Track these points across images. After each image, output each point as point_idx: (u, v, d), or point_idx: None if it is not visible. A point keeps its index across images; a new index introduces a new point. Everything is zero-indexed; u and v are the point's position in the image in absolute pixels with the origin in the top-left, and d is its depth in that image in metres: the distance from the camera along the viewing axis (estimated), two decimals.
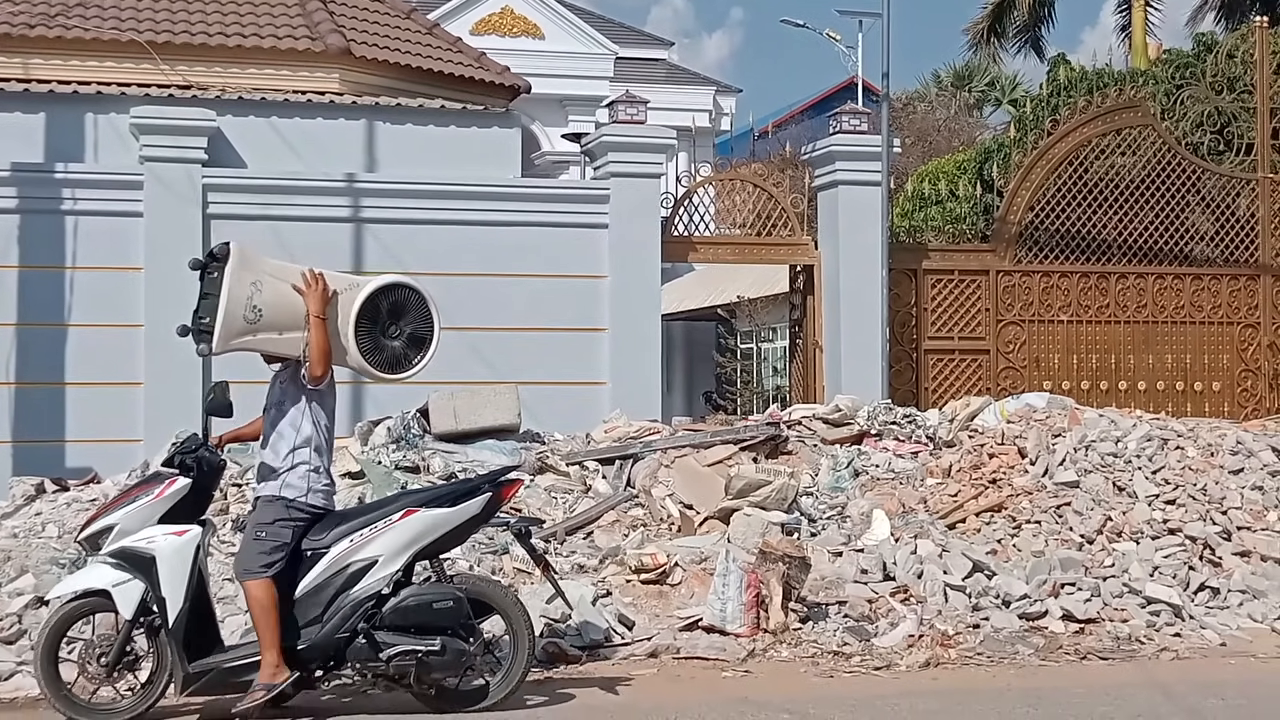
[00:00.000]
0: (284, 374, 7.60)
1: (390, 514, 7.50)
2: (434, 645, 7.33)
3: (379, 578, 7.39)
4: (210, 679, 7.26)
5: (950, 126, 32.94)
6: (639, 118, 15.91)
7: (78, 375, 14.19)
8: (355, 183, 15.12)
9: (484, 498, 7.64)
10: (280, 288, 7.42)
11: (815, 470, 11.64)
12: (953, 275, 16.60)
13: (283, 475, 7.42)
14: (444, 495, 7.71)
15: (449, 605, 7.44)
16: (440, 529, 7.52)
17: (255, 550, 7.32)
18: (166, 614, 7.19)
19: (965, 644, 9.05)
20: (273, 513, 7.38)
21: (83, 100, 15.03)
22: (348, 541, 7.41)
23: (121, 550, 7.27)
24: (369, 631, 7.35)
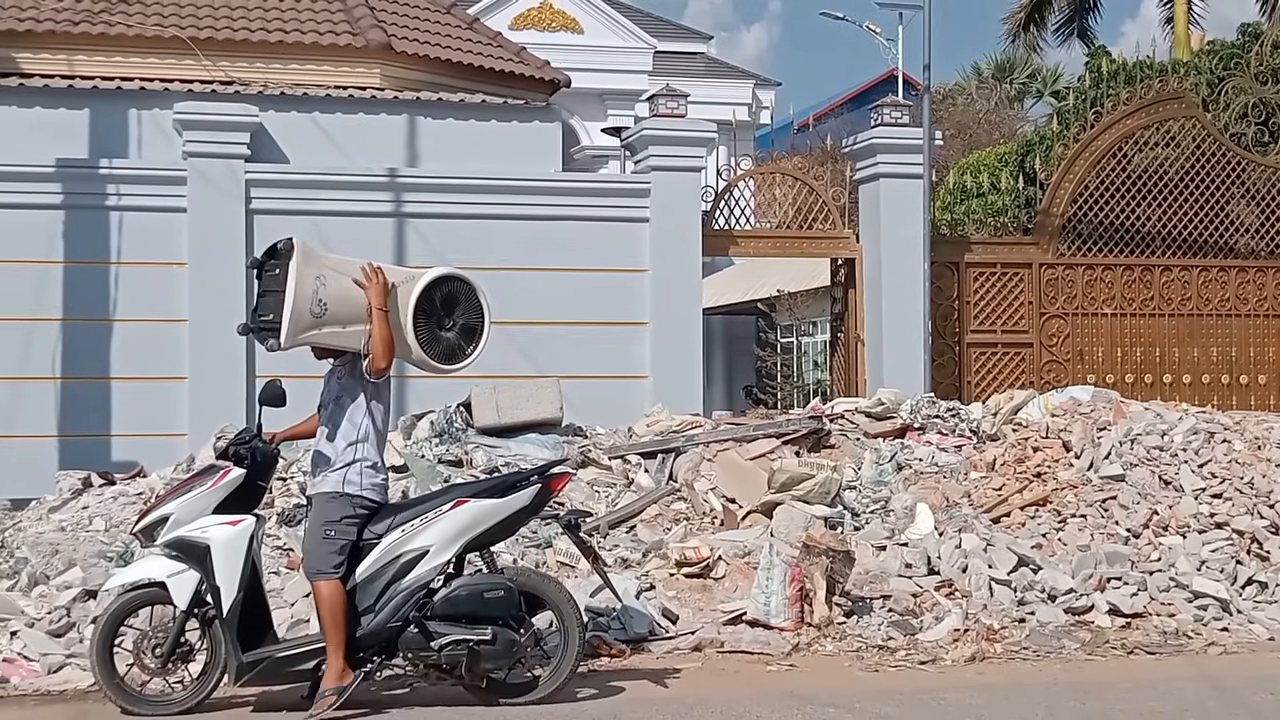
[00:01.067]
0: (341, 369, 7.62)
1: (441, 505, 7.52)
2: (485, 635, 7.35)
3: (430, 568, 7.42)
4: (264, 669, 7.30)
5: (991, 119, 32.76)
6: (679, 111, 15.88)
7: (123, 370, 14.27)
8: (397, 178, 15.16)
9: (533, 489, 7.65)
10: (342, 281, 7.46)
11: (858, 464, 11.61)
12: (995, 268, 16.53)
13: (342, 471, 7.43)
14: (494, 487, 7.73)
15: (500, 595, 7.46)
16: (490, 520, 7.55)
17: (326, 550, 7.35)
18: (221, 604, 7.25)
19: (1011, 638, 9.01)
20: (338, 510, 7.40)
21: (126, 96, 15.12)
22: (399, 532, 7.44)
23: (176, 540, 7.34)
24: (421, 621, 7.37)
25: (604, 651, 8.59)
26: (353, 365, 7.54)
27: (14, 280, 14.06)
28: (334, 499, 7.41)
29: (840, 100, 36.82)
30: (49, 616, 8.74)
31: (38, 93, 14.95)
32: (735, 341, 26.57)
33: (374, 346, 7.40)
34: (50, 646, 8.36)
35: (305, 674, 7.35)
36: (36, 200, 14.21)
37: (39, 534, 10.23)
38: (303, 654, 7.35)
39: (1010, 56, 36.71)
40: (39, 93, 14.96)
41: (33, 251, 14.12)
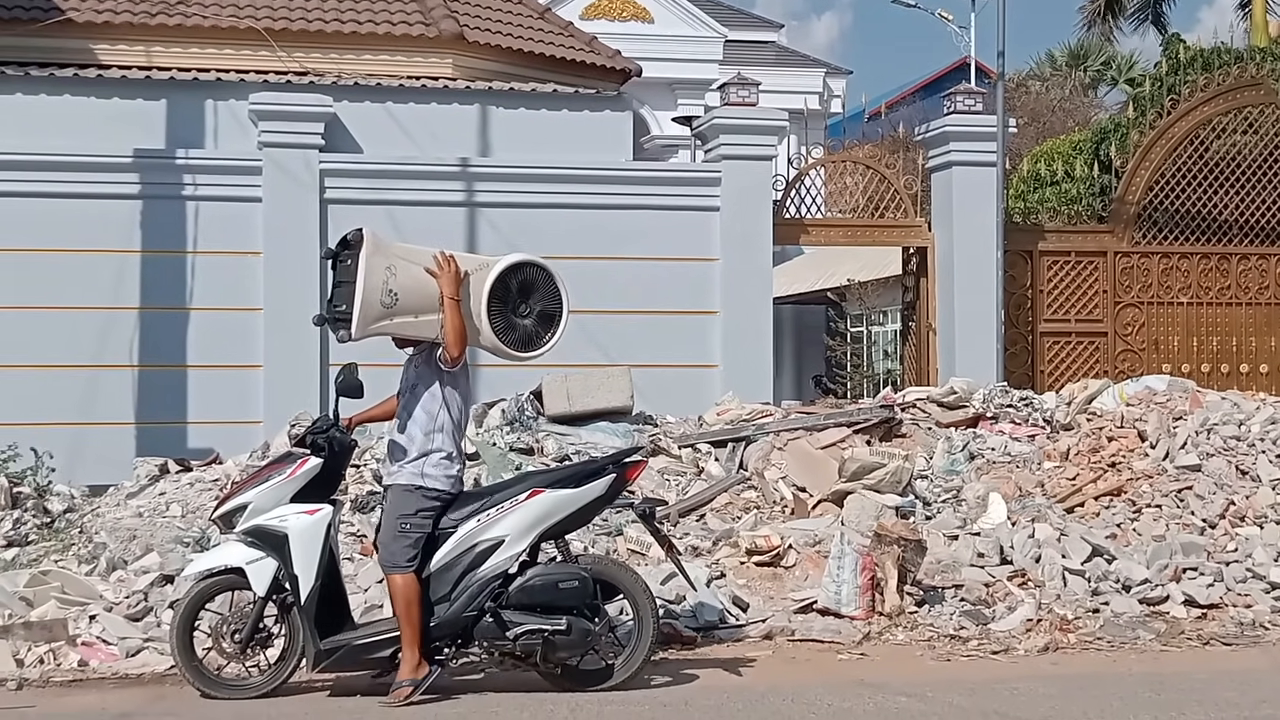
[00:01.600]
0: (418, 357, 7.61)
1: (516, 494, 7.52)
2: (560, 625, 7.35)
3: (505, 557, 7.42)
4: (341, 656, 7.35)
5: (1064, 107, 32.47)
6: (750, 100, 15.86)
7: (199, 358, 14.46)
8: (469, 167, 15.24)
9: (609, 479, 7.62)
10: (413, 271, 7.45)
11: (930, 453, 11.55)
12: (1069, 257, 16.41)
13: (419, 462, 7.42)
14: (569, 476, 7.70)
15: (575, 585, 7.45)
16: (565, 510, 7.54)
17: (402, 544, 7.35)
18: (299, 591, 7.29)
19: (1085, 629, 8.94)
20: (414, 503, 7.40)
21: (203, 87, 15.29)
22: (475, 521, 7.44)
23: (255, 528, 7.38)
24: (496, 611, 7.38)
25: (674, 638, 8.59)
26: (429, 354, 7.54)
27: (93, 269, 14.27)
28: (409, 492, 7.41)
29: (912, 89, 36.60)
30: (127, 601, 8.84)
31: (116, 84, 15.14)
32: (805, 331, 26.50)
33: (446, 335, 7.39)
34: (128, 630, 8.46)
35: (382, 661, 7.37)
36: (115, 190, 14.41)
37: (117, 519, 10.37)
38: (379, 641, 7.38)
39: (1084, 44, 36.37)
40: (117, 84, 15.14)
41: (111, 241, 14.33)
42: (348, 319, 7.35)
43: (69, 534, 10.50)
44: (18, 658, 8.01)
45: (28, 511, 10.79)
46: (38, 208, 14.22)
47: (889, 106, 24.36)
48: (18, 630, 8.21)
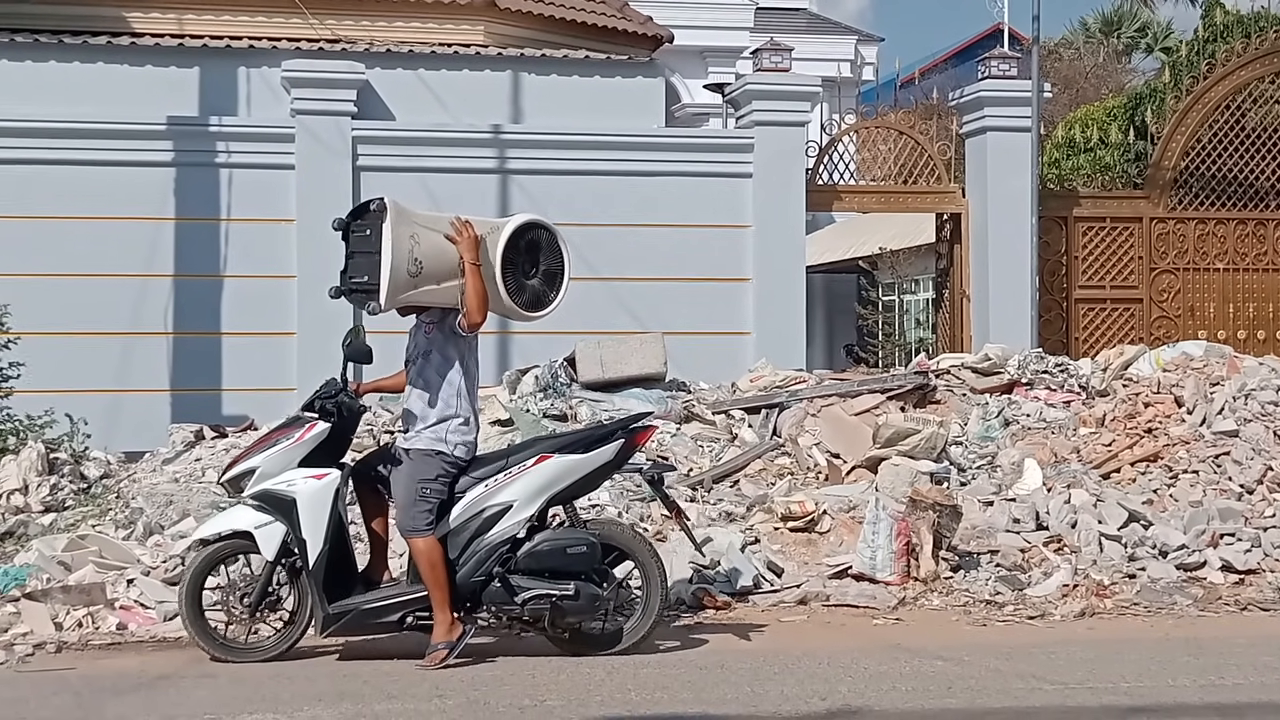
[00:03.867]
0: (430, 324, 7.56)
1: (525, 459, 7.50)
2: (568, 590, 7.35)
3: (514, 522, 7.41)
4: (349, 620, 7.33)
5: (1098, 73, 32.22)
6: (783, 66, 15.79)
7: (233, 325, 14.50)
8: (501, 134, 15.22)
9: (617, 444, 7.60)
10: (433, 238, 7.41)
11: (964, 420, 11.52)
12: (1104, 223, 16.33)
13: (436, 428, 7.41)
14: (578, 441, 7.69)
15: (583, 550, 7.44)
16: (574, 475, 7.52)
17: (422, 509, 7.33)
18: (307, 555, 7.29)
19: (1121, 594, 8.91)
20: (433, 468, 7.38)
21: (235, 54, 15.28)
22: (483, 486, 7.43)
23: (263, 493, 7.37)
24: (504, 575, 7.38)
25: (709, 603, 8.61)
26: (442, 320, 7.50)
27: (127, 237, 14.31)
28: (428, 457, 7.39)
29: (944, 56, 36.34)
30: (164, 565, 8.89)
31: (149, 51, 15.14)
32: (836, 300, 26.41)
33: (470, 301, 7.37)
34: (165, 594, 8.49)
35: (391, 625, 7.37)
36: (149, 158, 14.44)
37: (153, 485, 10.43)
38: (388, 606, 7.37)
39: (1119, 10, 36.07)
40: (150, 51, 15.15)
41: (145, 208, 14.37)
42: (373, 289, 7.28)
43: (106, 499, 10.57)
44: (56, 621, 8.07)
45: (64, 477, 10.86)
46: (72, 175, 14.26)
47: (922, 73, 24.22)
48: (56, 594, 8.26)
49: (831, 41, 33.28)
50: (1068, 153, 19.59)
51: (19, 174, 14.01)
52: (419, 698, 6.52)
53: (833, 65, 23.58)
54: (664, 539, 9.48)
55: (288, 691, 6.66)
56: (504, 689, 6.70)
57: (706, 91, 26.54)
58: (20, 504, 10.38)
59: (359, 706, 6.35)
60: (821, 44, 32.20)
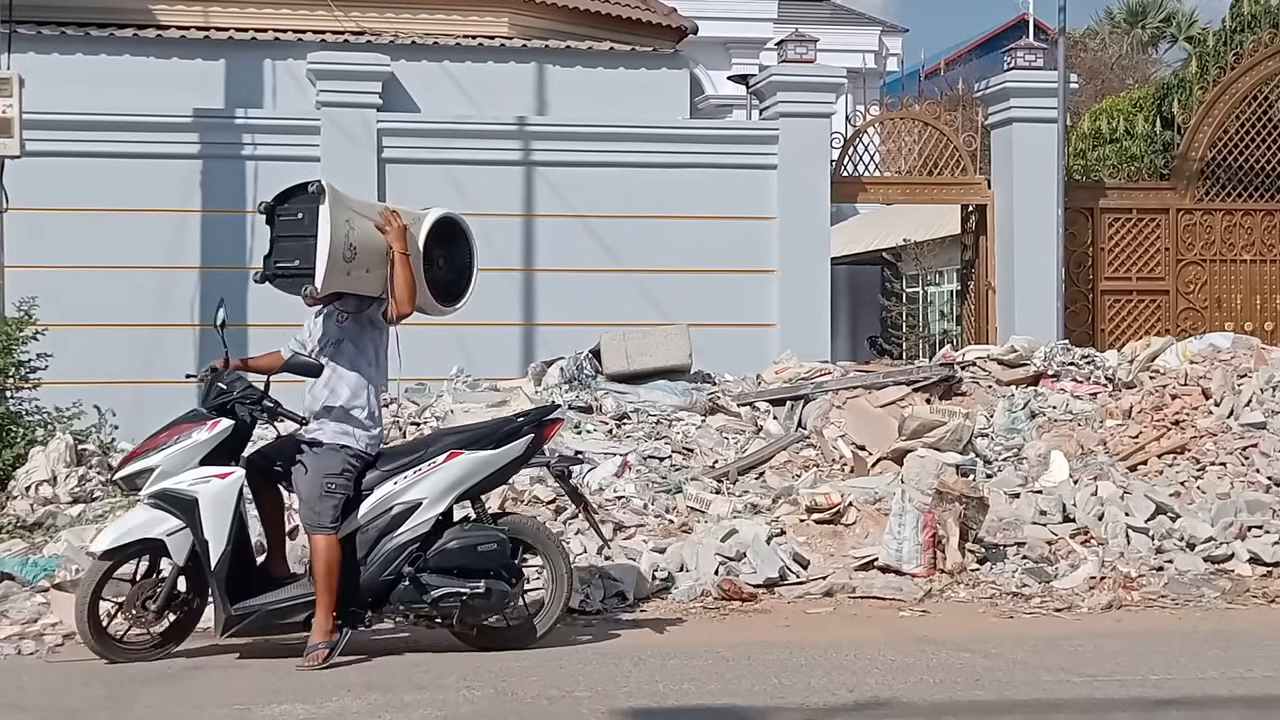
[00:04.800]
0: (343, 313, 7.36)
1: (435, 457, 7.33)
2: (478, 587, 7.23)
3: (423, 519, 7.27)
4: (253, 621, 7.13)
5: (1123, 64, 32.09)
6: (808, 57, 15.77)
7: (259, 318, 14.49)
8: (526, 126, 15.25)
9: (527, 439, 7.48)
10: (366, 225, 7.23)
11: (990, 412, 11.50)
12: (1131, 214, 16.28)
13: (345, 421, 7.22)
14: (487, 436, 7.51)
15: (493, 548, 7.32)
16: (484, 471, 7.40)
17: (328, 504, 7.14)
18: (209, 556, 7.02)
19: (1148, 587, 8.88)
20: (340, 462, 7.18)
21: (261, 47, 15.33)
22: (392, 483, 7.27)
23: (163, 492, 7.09)
24: (414, 575, 7.24)
25: (735, 594, 8.61)
26: (359, 310, 7.34)
27: (153, 229, 14.36)
28: (334, 451, 7.18)
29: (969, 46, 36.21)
30: None
31: (175, 44, 15.20)
32: (860, 292, 26.40)
33: (400, 291, 7.24)
34: None
35: (297, 626, 7.18)
36: (175, 150, 14.51)
37: None
38: (293, 606, 7.18)
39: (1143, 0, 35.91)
40: (176, 44, 15.20)
41: (171, 200, 14.43)
42: (306, 274, 7.08)
43: None
44: None
45: (93, 469, 10.89)
46: (99, 167, 14.32)
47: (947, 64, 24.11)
48: None
49: (856, 32, 33.22)
50: (1093, 144, 19.54)
51: (46, 166, 14.03)
52: (447, 689, 6.54)
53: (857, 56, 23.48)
54: (689, 530, 9.50)
55: (316, 682, 6.68)
56: (532, 680, 6.71)
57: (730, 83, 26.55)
58: (49, 495, 10.42)
59: (387, 697, 6.37)
60: (846, 35, 32.13)
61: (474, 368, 12.54)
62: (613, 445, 10.76)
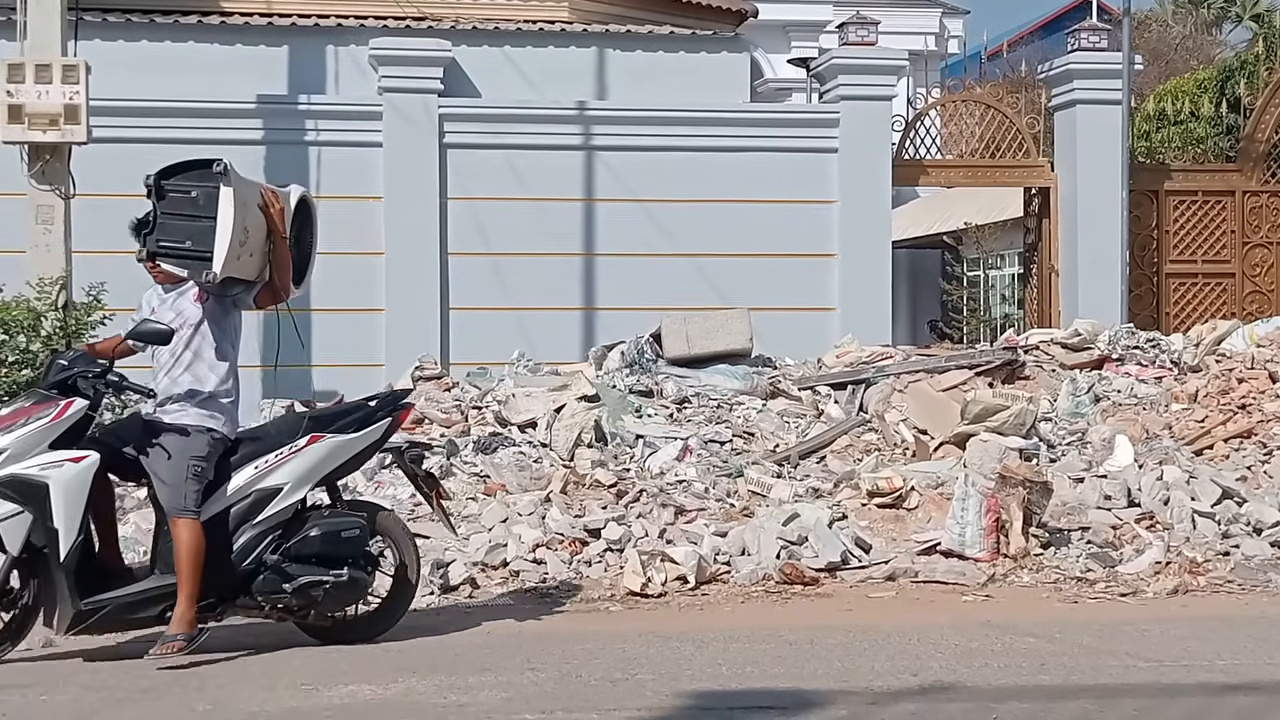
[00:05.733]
0: (203, 292, 7.01)
1: (295, 441, 7.06)
2: (342, 576, 6.99)
3: (285, 506, 7.01)
4: (104, 616, 6.74)
5: (1187, 45, 31.74)
6: (869, 39, 15.71)
7: (322, 302, 14.59)
8: (586, 110, 15.27)
9: (385, 424, 7.29)
10: (253, 206, 7.01)
11: (1054, 396, 11.45)
12: (1196, 196, 16.14)
13: (207, 403, 6.94)
14: (343, 419, 7.28)
15: (356, 534, 7.10)
16: (345, 455, 7.18)
17: (194, 488, 6.81)
18: (59, 547, 6.59)
19: (1215, 572, 8.80)
20: (205, 445, 6.88)
21: (323, 33, 15.43)
22: (253, 468, 6.98)
23: (11, 478, 6.59)
24: (277, 564, 6.96)
25: (796, 578, 8.60)
26: (223, 291, 7.04)
27: None
28: (201, 434, 6.89)
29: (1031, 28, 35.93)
30: None
31: (238, 30, 15.32)
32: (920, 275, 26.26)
33: (283, 275, 7.11)
34: None
35: (150, 620, 6.84)
36: (239, 136, 14.58)
37: None
38: (150, 599, 6.81)
39: None
40: (239, 30, 15.33)
41: None
42: (196, 257, 6.84)
43: None
44: None
45: None
46: (164, 154, 14.14)
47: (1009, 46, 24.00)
48: None
49: (917, 14, 32.95)
50: (1158, 125, 19.35)
51: (112, 152, 14.14)
52: (511, 670, 6.57)
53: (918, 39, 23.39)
54: (751, 514, 9.50)
55: (382, 663, 6.74)
56: (595, 662, 6.74)
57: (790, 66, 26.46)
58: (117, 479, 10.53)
59: (452, 678, 6.41)
60: (907, 17, 31.88)
61: (535, 352, 12.60)
62: (674, 429, 10.79)
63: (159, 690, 6.25)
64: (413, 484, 7.76)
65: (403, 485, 9.65)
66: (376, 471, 9.89)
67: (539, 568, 8.69)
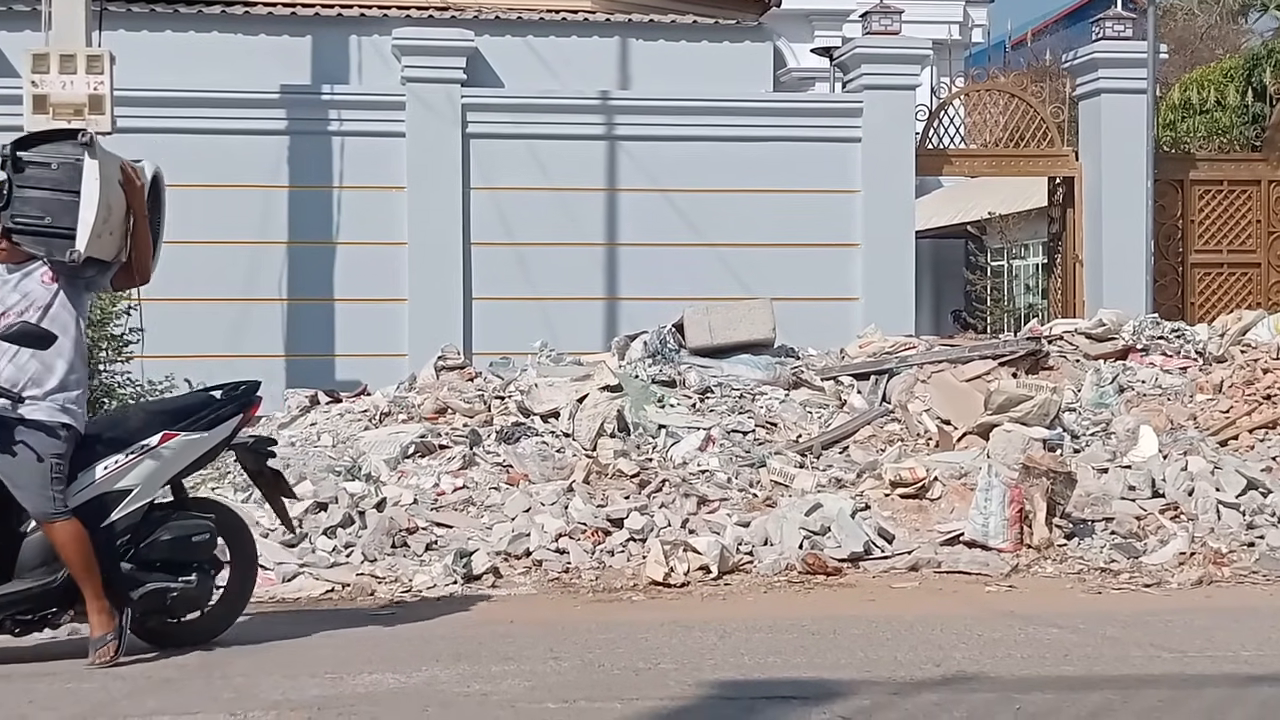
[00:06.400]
0: (47, 275, 6.50)
1: (147, 439, 6.59)
2: (190, 582, 6.64)
3: (137, 507, 6.57)
4: None
5: (1213, 34, 31.58)
6: (893, 29, 15.67)
7: (345, 292, 14.69)
8: (609, 100, 15.27)
9: (237, 419, 6.88)
10: (113, 182, 6.59)
11: (1078, 386, 11.41)
12: (1221, 186, 16.08)
13: (59, 395, 6.43)
14: (198, 416, 6.77)
15: (206, 538, 6.75)
16: (197, 452, 6.77)
17: (58, 488, 6.35)
18: None
19: (1239, 563, 8.78)
20: (63, 442, 6.40)
21: (346, 23, 15.45)
22: (103, 467, 6.51)
23: None
24: (130, 569, 6.56)
25: (819, 568, 8.60)
26: (73, 272, 6.53)
27: (242, 204, 14.54)
28: (57, 430, 6.39)
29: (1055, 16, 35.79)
30: (282, 528, 9.00)
31: (262, 20, 15.36)
32: (943, 265, 26.17)
33: (143, 254, 6.69)
34: (284, 556, 8.65)
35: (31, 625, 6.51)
36: (263, 126, 14.66)
37: None
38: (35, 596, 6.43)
39: None
40: (264, 20, 15.36)
41: (259, 176, 14.59)
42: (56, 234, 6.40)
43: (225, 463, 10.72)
44: None
45: None
46: (188, 143, 14.48)
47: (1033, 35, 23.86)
48: None
49: (940, 3, 32.73)
50: (1183, 115, 19.27)
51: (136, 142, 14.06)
52: (535, 659, 6.58)
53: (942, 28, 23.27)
54: (773, 504, 9.50)
55: (405, 652, 6.75)
56: (618, 652, 6.74)
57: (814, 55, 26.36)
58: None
59: (475, 667, 6.42)
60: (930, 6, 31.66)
61: (557, 342, 12.61)
62: (696, 419, 10.78)
63: (183, 679, 6.27)
64: (254, 480, 7.34)
65: (427, 475, 9.70)
66: (400, 461, 9.92)
67: (561, 557, 8.70)
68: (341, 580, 8.31)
